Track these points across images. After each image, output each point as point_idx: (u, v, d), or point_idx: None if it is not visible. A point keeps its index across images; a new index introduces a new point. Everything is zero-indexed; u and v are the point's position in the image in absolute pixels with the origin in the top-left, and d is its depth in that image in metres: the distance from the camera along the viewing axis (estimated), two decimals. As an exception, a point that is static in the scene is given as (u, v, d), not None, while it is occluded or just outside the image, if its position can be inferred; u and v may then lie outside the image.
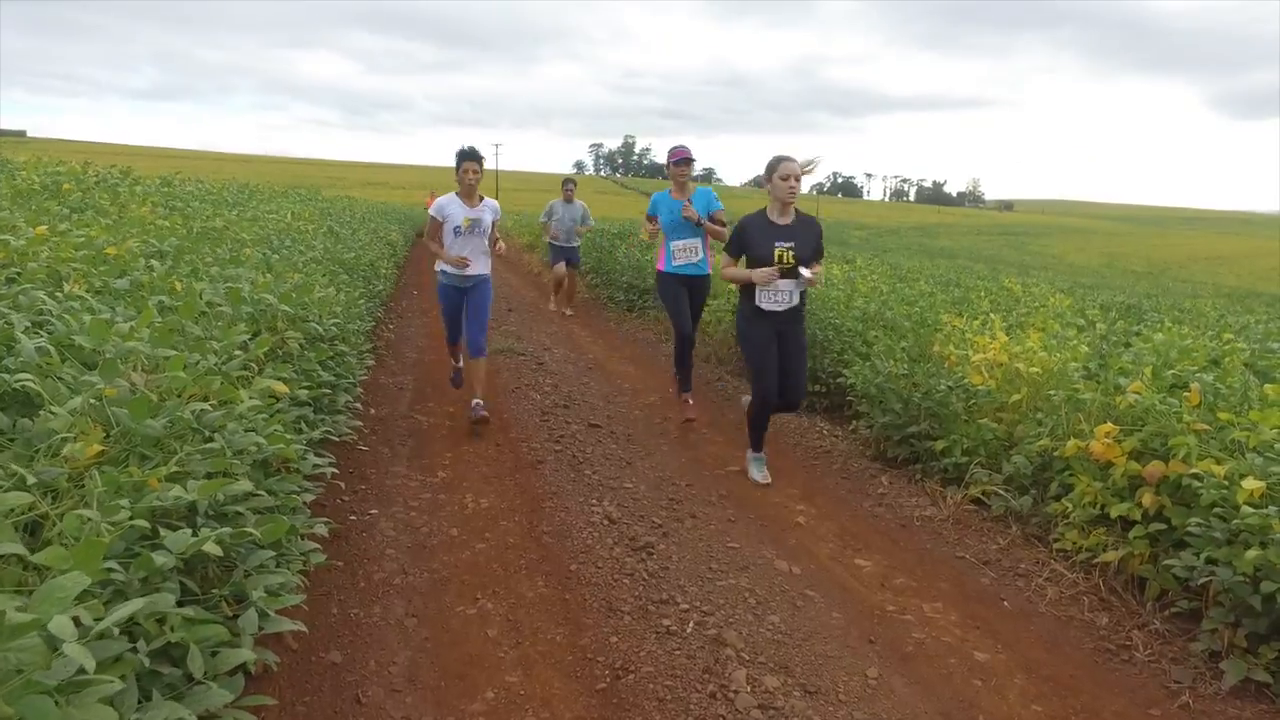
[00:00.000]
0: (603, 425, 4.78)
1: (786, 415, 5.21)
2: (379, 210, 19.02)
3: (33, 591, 1.22)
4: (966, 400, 4.06)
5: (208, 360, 2.14)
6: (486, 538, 3.15)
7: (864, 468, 4.26)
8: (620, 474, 3.96)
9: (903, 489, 3.95)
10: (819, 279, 3.81)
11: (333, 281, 4.72)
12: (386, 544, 3.04)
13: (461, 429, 4.62)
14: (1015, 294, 9.29)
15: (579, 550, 3.06)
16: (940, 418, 4.07)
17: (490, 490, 3.67)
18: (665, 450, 4.44)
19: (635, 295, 9.15)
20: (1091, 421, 3.31)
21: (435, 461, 4.01)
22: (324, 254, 5.49)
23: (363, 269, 6.42)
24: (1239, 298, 31.80)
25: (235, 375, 2.29)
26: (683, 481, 3.94)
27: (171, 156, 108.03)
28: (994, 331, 4.37)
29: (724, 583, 2.88)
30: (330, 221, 8.43)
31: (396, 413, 4.86)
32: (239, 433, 1.86)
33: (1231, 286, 44.48)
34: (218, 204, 7.36)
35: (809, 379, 5.41)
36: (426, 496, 3.55)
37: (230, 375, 2.22)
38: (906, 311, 5.15)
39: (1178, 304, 12.35)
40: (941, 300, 6.11)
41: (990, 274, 23.82)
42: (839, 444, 4.64)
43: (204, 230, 5.22)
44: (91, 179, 6.27)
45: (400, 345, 7.04)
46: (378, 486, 3.62)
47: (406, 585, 2.74)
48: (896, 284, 8.40)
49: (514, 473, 3.90)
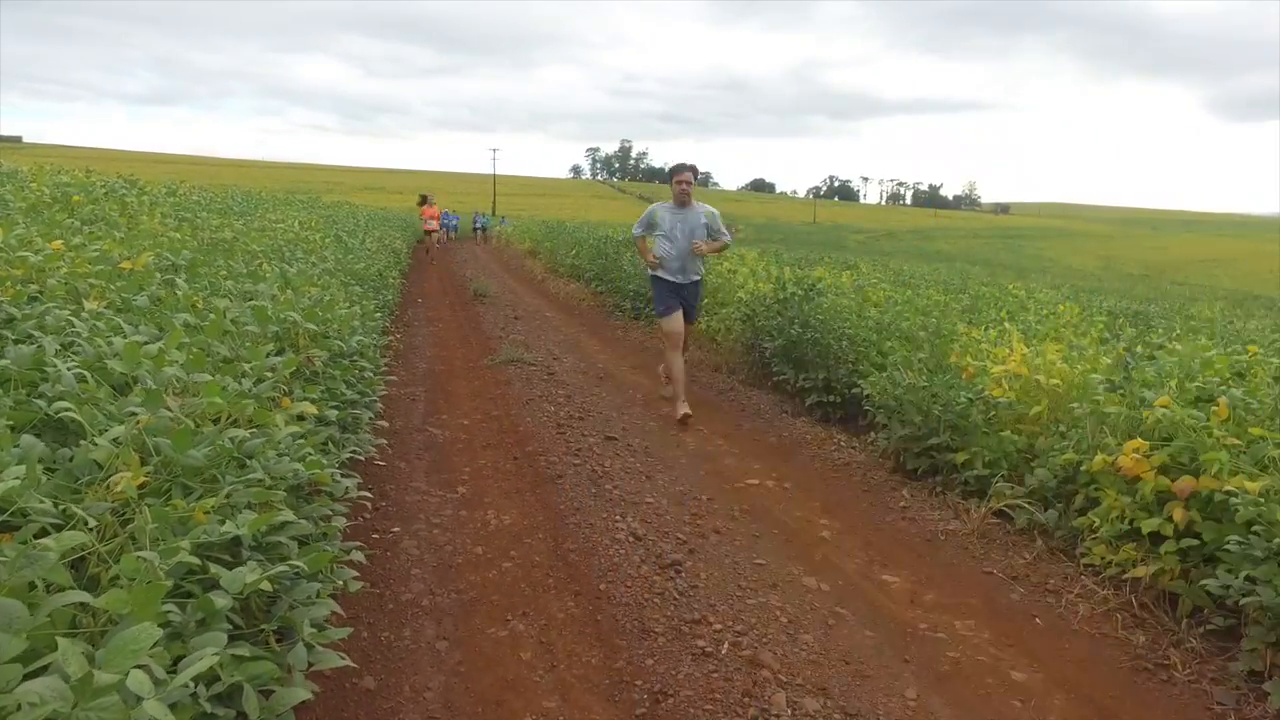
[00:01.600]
0: (619, 438, 4.75)
1: (804, 427, 5.20)
2: (380, 217, 19.01)
3: (92, 636, 1.20)
4: (986, 412, 4.04)
5: (241, 383, 2.11)
6: (512, 555, 3.12)
7: (884, 480, 4.24)
8: (641, 488, 3.93)
9: (925, 502, 3.93)
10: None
11: (347, 294, 4.70)
12: (411, 563, 3.01)
13: (478, 442, 4.59)
14: (1018, 299, 9.31)
15: (606, 568, 3.03)
16: (960, 430, 4.05)
17: (512, 506, 3.64)
18: (683, 463, 4.42)
19: (642, 303, 9.13)
20: (1117, 435, 3.30)
21: (454, 476, 3.99)
22: (336, 265, 5.47)
23: (372, 279, 6.39)
24: (1238, 301, 31.91)
25: (267, 397, 2.26)
26: (704, 495, 3.92)
27: (169, 162, 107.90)
28: (1012, 342, 4.36)
29: (754, 601, 2.85)
30: (337, 229, 8.40)
31: (411, 425, 4.83)
32: (276, 460, 1.83)
33: (1229, 289, 44.61)
34: (225, 213, 7.33)
35: (824, 389, 5.40)
36: (448, 513, 3.52)
37: (264, 398, 2.19)
38: (921, 322, 5.14)
39: (1183, 309, 12.36)
40: (954, 309, 6.10)
41: (989, 277, 23.88)
42: (857, 456, 4.62)
43: (214, 241, 5.19)
44: (100, 189, 6.25)
45: (409, 356, 7.01)
46: (398, 503, 3.59)
47: (435, 607, 2.71)
48: (902, 289, 8.40)
49: (534, 488, 3.87)
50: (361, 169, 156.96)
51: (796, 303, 6.10)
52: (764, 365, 6.38)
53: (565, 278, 13.72)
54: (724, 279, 8.19)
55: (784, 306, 6.16)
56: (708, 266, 7.56)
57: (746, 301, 6.86)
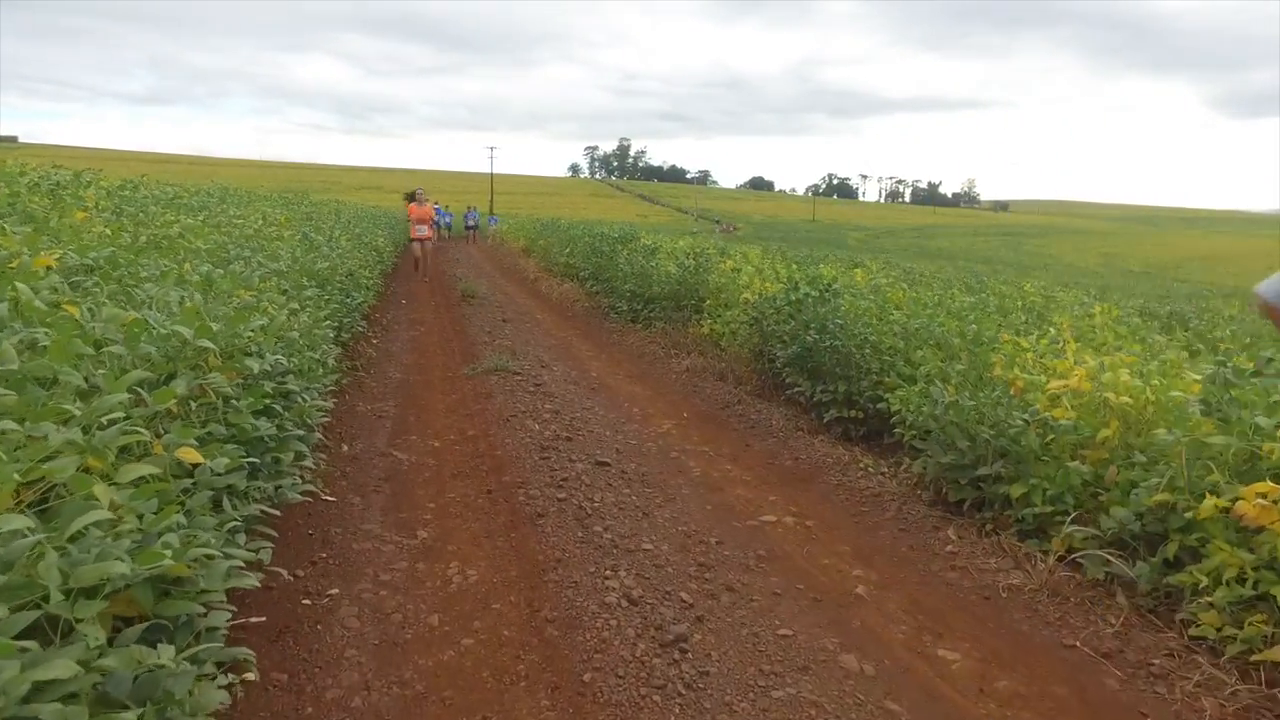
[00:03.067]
0: (612, 463, 4.12)
1: (824, 447, 4.57)
2: (368, 214, 18.34)
3: None
4: (1043, 436, 3.42)
5: (63, 432, 1.48)
6: (475, 629, 2.49)
7: (923, 516, 3.61)
8: (637, 529, 3.30)
9: (975, 544, 3.30)
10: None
11: (295, 298, 4.06)
12: (347, 641, 2.38)
13: (447, 470, 3.95)
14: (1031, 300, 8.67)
15: (592, 648, 2.40)
16: (1013, 457, 3.43)
17: (481, 555, 3.01)
18: (686, 494, 3.79)
19: (640, 305, 8.49)
20: (1225, 473, 2.68)
21: (415, 516, 3.35)
22: (291, 265, 4.83)
23: (338, 280, 5.75)
24: (1244, 298, 31.32)
25: (116, 444, 1.63)
26: (711, 537, 3.29)
27: (167, 161, 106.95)
28: (1070, 352, 3.73)
29: (781, 693, 2.23)
30: (308, 227, 7.76)
31: (373, 448, 4.20)
32: (77, 557, 1.20)
33: (1230, 286, 44.01)
34: (180, 208, 6.68)
35: (844, 403, 4.78)
36: (402, 566, 2.89)
37: (103, 448, 1.56)
38: (957, 327, 4.50)
39: (1214, 310, 11.74)
40: (989, 312, 5.46)
41: (994, 275, 23.25)
42: (888, 484, 3.99)
43: (154, 239, 4.56)
44: (33, 178, 5.60)
45: (384, 363, 6.37)
46: (342, 552, 2.95)
47: (368, 709, 2.08)
48: (920, 289, 7.76)
49: (509, 530, 3.24)
50: (359, 168, 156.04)
51: (811, 305, 5.48)
52: (774, 375, 5.76)
53: (559, 277, 13.08)
54: (727, 278, 7.55)
55: (797, 309, 5.53)
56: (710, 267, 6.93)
57: (754, 303, 6.23)
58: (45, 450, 1.45)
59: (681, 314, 7.78)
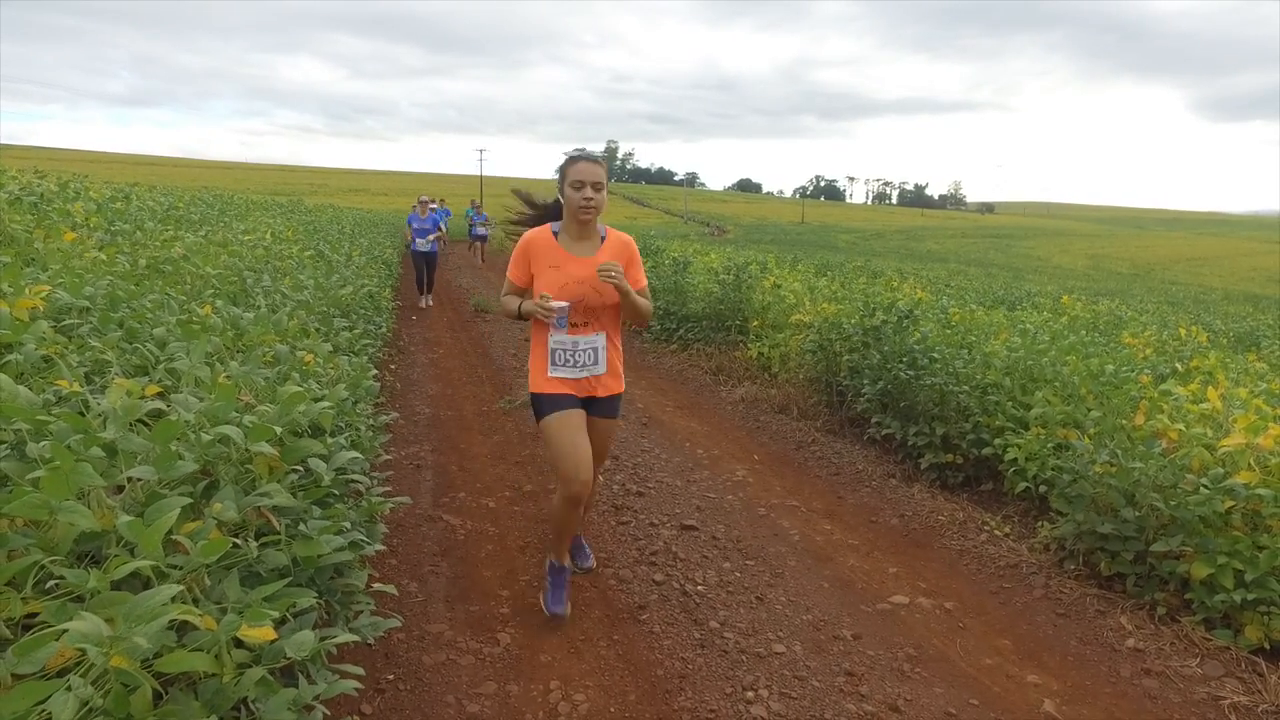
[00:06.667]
0: (698, 526, 3.57)
1: (925, 499, 4.05)
2: (368, 221, 17.67)
3: None
4: (1226, 504, 2.91)
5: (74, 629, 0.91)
6: (606, 794, 1.93)
7: (1078, 595, 3.08)
8: (757, 622, 2.75)
9: (1157, 637, 2.78)
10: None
11: (329, 336, 3.48)
12: (444, 820, 1.81)
13: (512, 540, 3.38)
14: (1070, 310, 8.22)
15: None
16: (1189, 528, 2.91)
17: (584, 670, 2.44)
18: (793, 565, 3.25)
19: (674, 324, 7.94)
20: None
21: (489, 609, 2.78)
22: (314, 292, 4.24)
23: (360, 306, 5.16)
24: (1235, 299, 31.23)
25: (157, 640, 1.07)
26: (844, 630, 2.75)
27: (153, 164, 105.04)
28: (1242, 401, 3.22)
29: None
30: (319, 241, 7.15)
31: (418, 512, 3.62)
32: None
33: (1216, 288, 44.09)
34: (180, 223, 6.06)
35: (944, 449, 4.26)
36: (490, 690, 2.32)
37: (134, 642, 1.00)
38: (1084, 366, 3.97)
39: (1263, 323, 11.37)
40: (1103, 345, 4.93)
41: (986, 278, 22.91)
42: (1018, 549, 3.46)
43: (154, 263, 3.96)
44: (13, 190, 4.94)
45: (407, 394, 5.79)
46: (413, 671, 2.38)
47: None
48: (941, 296, 7.27)
49: (608, 630, 2.68)
50: (347, 170, 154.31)
51: (889, 334, 4.95)
52: (845, 407, 5.23)
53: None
54: (774, 297, 7.02)
55: (874, 338, 5.01)
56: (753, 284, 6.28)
57: (816, 327, 5.70)
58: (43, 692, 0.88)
59: (722, 335, 7.24)
